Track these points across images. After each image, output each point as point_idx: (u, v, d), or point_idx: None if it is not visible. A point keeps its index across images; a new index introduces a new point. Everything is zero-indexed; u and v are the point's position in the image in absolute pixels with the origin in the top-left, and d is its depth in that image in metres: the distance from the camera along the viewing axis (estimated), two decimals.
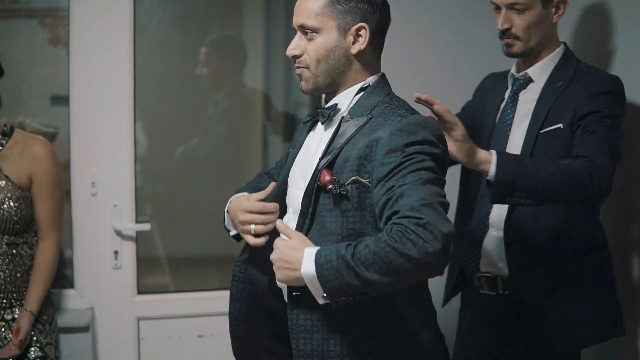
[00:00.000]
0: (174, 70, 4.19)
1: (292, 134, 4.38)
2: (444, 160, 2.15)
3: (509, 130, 2.91)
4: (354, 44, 2.23)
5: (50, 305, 3.19)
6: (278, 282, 2.24)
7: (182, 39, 4.18)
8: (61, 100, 3.69)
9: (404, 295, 2.20)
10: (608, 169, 2.63)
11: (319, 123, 2.34)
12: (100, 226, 3.52)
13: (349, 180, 2.14)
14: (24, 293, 3.08)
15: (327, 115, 2.28)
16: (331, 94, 2.32)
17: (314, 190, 2.20)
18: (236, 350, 2.59)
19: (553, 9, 2.85)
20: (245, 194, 2.49)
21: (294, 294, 2.21)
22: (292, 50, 2.27)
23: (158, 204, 4.09)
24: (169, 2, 4.24)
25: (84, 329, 3.48)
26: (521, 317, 2.87)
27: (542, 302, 2.84)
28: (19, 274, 3.06)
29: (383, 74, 2.33)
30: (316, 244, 2.15)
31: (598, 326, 2.86)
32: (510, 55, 2.91)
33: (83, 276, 3.56)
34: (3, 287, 3.03)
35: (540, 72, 2.90)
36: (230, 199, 2.52)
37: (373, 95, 2.26)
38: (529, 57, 2.91)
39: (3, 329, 3.04)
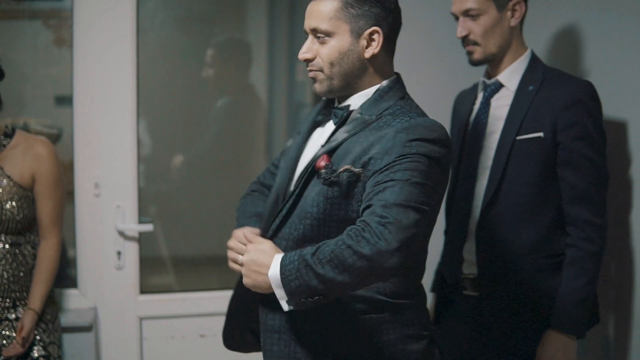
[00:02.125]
0: (177, 71, 4.20)
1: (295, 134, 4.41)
2: (445, 163, 2.14)
3: (483, 137, 2.92)
4: (367, 47, 2.22)
5: (53, 304, 3.20)
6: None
7: (185, 40, 4.19)
8: (65, 100, 3.70)
9: (377, 304, 2.21)
10: (601, 223, 2.79)
11: (329, 122, 2.34)
12: (104, 227, 3.53)
13: (342, 169, 2.14)
14: (28, 292, 3.09)
15: (339, 116, 2.28)
16: (344, 97, 2.30)
17: (307, 172, 2.21)
18: (226, 327, 2.57)
19: (509, 13, 2.87)
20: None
21: None
22: (304, 53, 2.26)
23: (161, 204, 4.11)
24: (172, 4, 4.24)
25: (87, 329, 3.49)
26: (498, 315, 2.89)
27: (516, 299, 2.87)
28: (22, 273, 3.08)
29: (398, 76, 2.32)
30: (295, 227, 2.21)
31: None
32: (472, 63, 2.93)
33: (86, 276, 3.57)
34: (6, 286, 3.04)
35: (510, 76, 2.92)
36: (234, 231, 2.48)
37: (387, 97, 2.25)
38: (494, 63, 2.94)
39: (7, 329, 3.05)
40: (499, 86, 2.94)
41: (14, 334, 3.04)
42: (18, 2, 3.94)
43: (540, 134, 2.79)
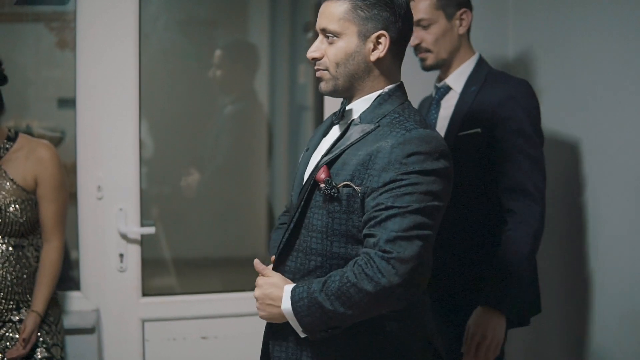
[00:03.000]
0: (179, 73, 4.22)
1: (297, 137, 4.42)
2: (446, 175, 2.15)
3: None
4: (373, 50, 2.22)
5: (56, 306, 3.21)
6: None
7: (187, 43, 4.20)
8: (68, 103, 3.71)
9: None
10: (539, 209, 2.89)
11: (333, 127, 2.35)
12: (106, 229, 3.54)
13: (341, 184, 2.16)
14: (31, 294, 3.10)
15: (339, 116, 2.30)
16: (349, 99, 2.31)
17: (310, 185, 2.23)
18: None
19: (457, 22, 3.04)
20: None
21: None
22: (312, 52, 2.28)
23: (164, 206, 4.12)
24: (174, 7, 4.25)
25: (90, 331, 3.50)
26: (450, 310, 3.00)
27: (464, 292, 2.97)
28: (25, 276, 3.09)
29: (401, 83, 2.32)
30: (303, 239, 2.23)
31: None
32: (425, 68, 3.09)
33: (89, 279, 3.57)
34: (10, 288, 3.05)
35: (456, 79, 3.08)
36: None
37: (386, 104, 2.25)
38: (444, 68, 3.09)
39: (10, 330, 3.06)
40: (448, 89, 3.10)
41: (17, 336, 3.05)
42: (21, 5, 3.95)
43: (478, 130, 2.94)
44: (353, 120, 2.27)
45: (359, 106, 2.28)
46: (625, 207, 3.04)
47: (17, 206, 3.03)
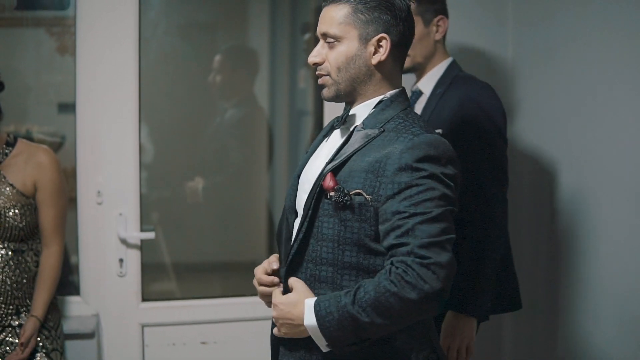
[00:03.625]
0: (179, 78, 4.22)
1: (297, 142, 4.43)
2: (455, 181, 2.14)
3: None
4: (374, 54, 2.21)
5: (56, 311, 3.21)
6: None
7: (187, 47, 4.20)
8: (68, 108, 3.72)
9: None
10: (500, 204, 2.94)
11: (334, 132, 2.33)
12: (106, 234, 3.54)
13: (353, 192, 2.13)
14: (30, 299, 3.10)
15: (341, 120, 2.28)
16: (350, 104, 2.30)
17: (317, 193, 2.19)
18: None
19: (434, 28, 3.11)
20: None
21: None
22: (313, 57, 2.26)
23: (164, 211, 4.12)
24: (174, 12, 4.26)
25: (89, 336, 3.50)
26: None
27: None
28: (25, 280, 3.09)
29: (403, 89, 2.30)
30: (312, 249, 2.20)
31: (496, 300, 3.03)
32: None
33: (88, 283, 3.57)
34: (10, 293, 3.05)
35: (427, 83, 3.16)
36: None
37: (389, 109, 2.23)
38: (418, 72, 3.17)
39: (10, 335, 3.06)
40: (420, 93, 3.17)
41: (17, 341, 3.05)
42: (21, 10, 3.96)
43: (440, 130, 2.98)
44: (356, 125, 2.25)
45: (361, 111, 2.27)
46: (624, 211, 3.03)
47: (16, 211, 3.03)
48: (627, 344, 3.04)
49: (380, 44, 2.21)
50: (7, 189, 3.04)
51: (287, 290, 2.23)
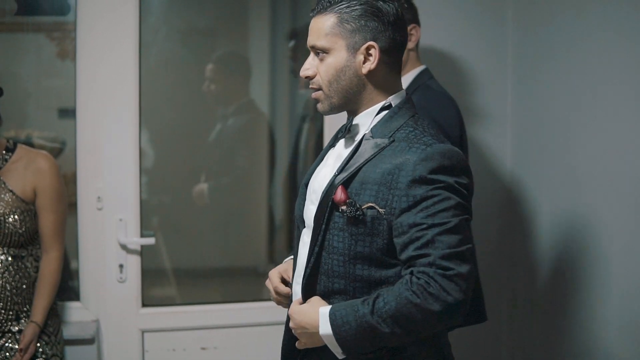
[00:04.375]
0: (179, 83, 4.22)
1: (297, 147, 4.42)
2: (469, 190, 2.11)
3: None
4: (364, 63, 2.16)
5: (55, 317, 3.21)
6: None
7: (187, 53, 4.21)
8: (69, 113, 3.72)
9: None
10: None
11: (339, 142, 2.28)
12: (106, 240, 3.53)
13: (366, 205, 2.10)
14: (30, 305, 3.10)
15: (345, 130, 2.24)
16: (351, 113, 2.26)
17: (328, 206, 2.15)
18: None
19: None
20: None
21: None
22: (305, 71, 2.22)
23: (164, 216, 4.12)
24: (174, 18, 4.26)
25: (89, 341, 3.50)
26: None
27: None
28: (24, 286, 3.08)
29: (409, 96, 2.26)
30: (324, 262, 2.17)
31: None
32: None
33: (88, 289, 3.57)
34: (9, 298, 3.05)
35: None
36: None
37: (397, 117, 2.18)
38: None
39: (10, 341, 3.06)
40: None
41: (17, 347, 3.05)
42: (22, 15, 3.96)
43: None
44: (364, 135, 2.20)
45: (364, 120, 2.22)
46: (625, 215, 3.04)
47: (16, 217, 3.03)
48: (629, 346, 3.03)
49: (370, 52, 2.16)
50: (7, 194, 3.03)
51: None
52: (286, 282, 2.39)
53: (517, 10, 3.73)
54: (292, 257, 2.40)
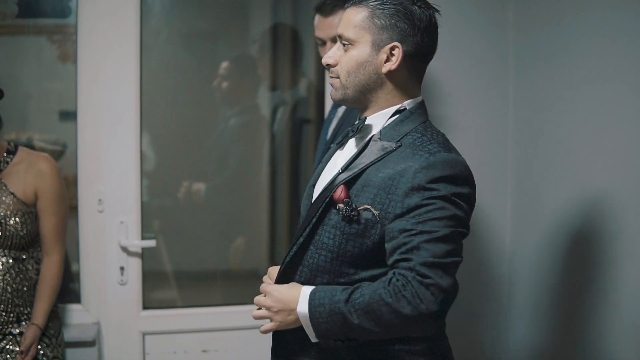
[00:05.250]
0: (180, 86, 4.22)
1: (298, 149, 4.42)
2: (470, 202, 2.11)
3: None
4: (385, 62, 2.16)
5: (56, 319, 3.21)
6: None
7: (189, 56, 4.20)
8: (70, 116, 3.71)
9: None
10: None
11: (349, 141, 2.28)
12: (107, 242, 3.54)
13: (362, 207, 2.11)
14: (31, 307, 3.10)
15: (356, 130, 2.23)
16: (363, 111, 2.26)
17: (325, 202, 2.16)
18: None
19: None
20: None
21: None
22: (327, 58, 2.23)
23: (165, 218, 4.12)
24: (175, 20, 4.26)
25: (90, 344, 3.50)
26: None
27: None
28: (25, 288, 3.09)
29: (422, 101, 2.25)
30: (311, 255, 2.19)
31: None
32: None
33: (89, 291, 3.58)
34: (10, 301, 3.05)
35: None
36: None
37: (408, 121, 2.18)
38: None
39: (11, 343, 3.06)
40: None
41: (17, 349, 3.05)
42: (23, 18, 3.96)
43: None
44: (372, 136, 2.21)
45: (377, 121, 2.22)
46: (624, 219, 3.04)
47: (17, 219, 3.03)
48: (632, 347, 3.03)
49: (393, 52, 2.15)
50: (8, 197, 3.04)
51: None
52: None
53: (517, 12, 3.73)
54: None
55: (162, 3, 4.16)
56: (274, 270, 2.31)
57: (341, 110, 3.32)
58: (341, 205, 2.12)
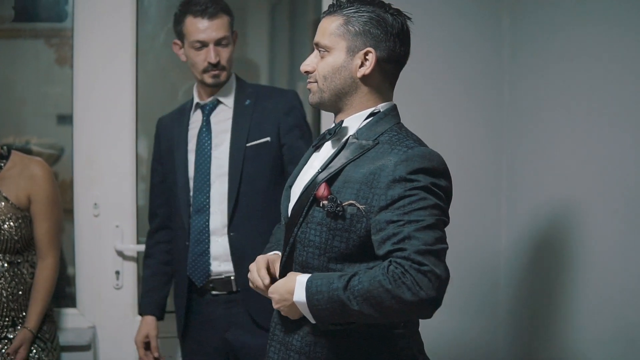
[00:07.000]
0: (176, 91, 4.22)
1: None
2: (447, 194, 2.17)
3: (210, 150, 3.19)
4: (360, 67, 2.23)
5: (52, 323, 3.21)
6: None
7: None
8: (67, 119, 3.72)
9: (367, 331, 2.22)
10: None
11: (326, 143, 2.34)
12: (102, 247, 3.54)
13: (346, 203, 2.15)
14: (27, 312, 3.10)
15: (333, 132, 2.29)
16: (338, 114, 2.32)
17: (309, 201, 2.22)
18: None
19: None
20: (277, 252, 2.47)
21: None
22: (305, 65, 2.30)
23: None
24: (171, 24, 4.26)
25: (86, 348, 3.51)
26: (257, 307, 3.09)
27: None
28: (20, 292, 3.09)
29: (395, 105, 2.32)
30: (299, 254, 2.24)
31: None
32: (215, 85, 3.20)
33: (85, 296, 3.58)
34: (5, 305, 3.05)
35: (226, 94, 3.23)
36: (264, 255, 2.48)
37: (383, 122, 2.25)
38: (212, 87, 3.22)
39: (6, 347, 3.06)
40: (217, 103, 3.23)
41: None
42: (20, 22, 3.97)
43: (268, 139, 3.16)
44: (349, 136, 2.26)
45: (352, 123, 2.28)
46: (615, 220, 3.03)
47: (11, 223, 3.03)
48: (620, 352, 3.03)
49: (367, 57, 2.22)
50: (2, 202, 3.04)
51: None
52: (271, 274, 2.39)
53: (513, 18, 3.73)
54: (275, 251, 2.45)
55: (158, 7, 4.17)
56: (262, 258, 2.37)
57: None
58: (325, 202, 2.18)
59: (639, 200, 2.89)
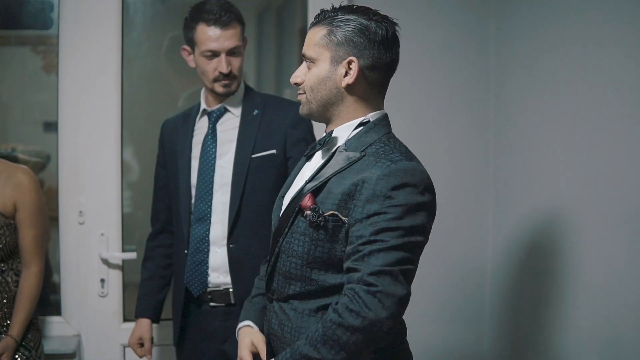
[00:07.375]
0: (161, 98, 4.23)
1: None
2: (430, 209, 2.16)
3: (215, 159, 3.15)
4: (345, 76, 2.23)
5: (36, 331, 3.19)
6: None
7: (170, 68, 4.20)
8: (54, 126, 3.72)
9: None
10: None
11: (316, 153, 2.35)
12: (88, 254, 3.54)
13: (328, 213, 2.16)
14: (11, 320, 3.09)
15: (323, 143, 2.29)
16: (328, 125, 2.33)
17: (295, 212, 2.24)
18: None
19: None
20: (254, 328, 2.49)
21: None
22: (294, 77, 2.31)
23: (147, 230, 4.11)
24: (156, 33, 4.26)
25: (71, 356, 3.50)
26: None
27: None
28: (5, 300, 3.08)
29: (386, 114, 2.32)
30: (282, 263, 2.26)
31: None
32: (226, 94, 3.16)
33: (70, 303, 3.57)
34: None
35: (234, 103, 3.18)
36: (244, 324, 2.50)
37: (372, 132, 2.25)
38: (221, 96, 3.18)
39: None
40: (224, 111, 3.19)
41: None
42: (6, 29, 3.96)
43: (273, 151, 3.11)
44: (338, 147, 2.27)
45: (342, 133, 2.29)
46: (603, 227, 3.04)
47: None
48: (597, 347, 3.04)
49: (350, 66, 2.22)
50: None
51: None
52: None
53: (499, 22, 3.74)
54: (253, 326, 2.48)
55: (144, 15, 4.17)
56: (245, 340, 2.42)
57: None
58: (308, 212, 2.18)
59: (627, 206, 2.90)
